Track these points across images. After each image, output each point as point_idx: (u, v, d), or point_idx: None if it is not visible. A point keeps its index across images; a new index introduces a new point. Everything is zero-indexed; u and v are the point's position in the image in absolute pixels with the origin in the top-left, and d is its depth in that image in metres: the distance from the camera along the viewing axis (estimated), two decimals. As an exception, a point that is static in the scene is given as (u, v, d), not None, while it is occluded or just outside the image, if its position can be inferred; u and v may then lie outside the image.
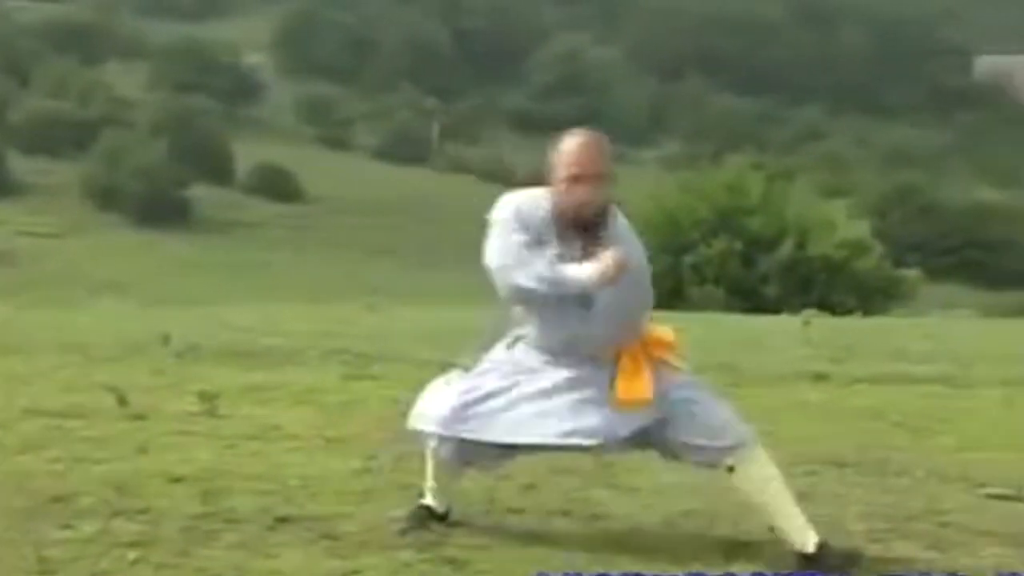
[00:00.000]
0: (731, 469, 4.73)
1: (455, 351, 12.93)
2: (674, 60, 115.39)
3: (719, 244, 37.67)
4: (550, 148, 4.79)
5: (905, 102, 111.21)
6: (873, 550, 4.98)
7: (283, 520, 5.10)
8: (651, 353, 4.77)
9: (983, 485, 6.20)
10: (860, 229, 42.09)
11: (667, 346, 4.83)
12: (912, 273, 45.17)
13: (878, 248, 41.11)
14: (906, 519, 5.52)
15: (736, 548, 4.87)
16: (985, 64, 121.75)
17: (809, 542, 4.66)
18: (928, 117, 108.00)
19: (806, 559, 4.64)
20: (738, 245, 37.72)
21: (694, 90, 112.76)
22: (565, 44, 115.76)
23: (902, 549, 5.01)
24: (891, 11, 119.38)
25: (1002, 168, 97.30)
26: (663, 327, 4.90)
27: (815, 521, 5.42)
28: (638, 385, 4.68)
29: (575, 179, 4.68)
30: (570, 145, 4.73)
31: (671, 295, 35.19)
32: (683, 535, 5.16)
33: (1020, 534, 5.23)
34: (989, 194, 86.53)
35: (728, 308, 30.46)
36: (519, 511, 5.44)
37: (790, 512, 4.72)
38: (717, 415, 4.76)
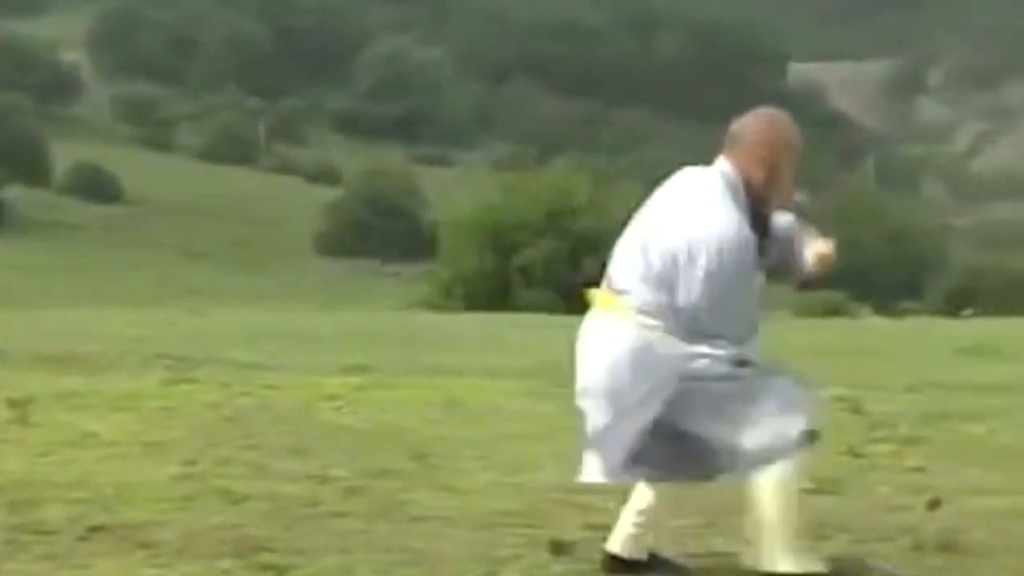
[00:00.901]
0: None
1: (275, 354, 12.79)
2: (500, 63, 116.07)
3: (546, 246, 37.97)
4: (743, 121, 4.54)
5: (724, 106, 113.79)
6: (690, 545, 5.09)
7: (97, 529, 4.97)
8: None
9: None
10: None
11: None
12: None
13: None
14: (720, 514, 5.66)
15: (557, 547, 4.92)
16: (798, 71, 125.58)
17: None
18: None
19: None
20: (565, 247, 38.08)
21: (520, 93, 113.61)
22: (390, 45, 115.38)
23: (717, 544, 5.12)
24: (709, 18, 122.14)
25: (814, 171, 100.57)
26: None
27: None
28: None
29: (791, 158, 4.48)
30: (788, 123, 4.55)
31: (498, 297, 35.38)
32: (503, 535, 5.19)
33: (822, 526, 5.39)
34: (802, 196, 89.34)
35: (556, 310, 30.69)
36: (342, 515, 5.42)
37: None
38: None
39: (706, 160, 4.71)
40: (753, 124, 4.46)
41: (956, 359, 14.49)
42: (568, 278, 37.47)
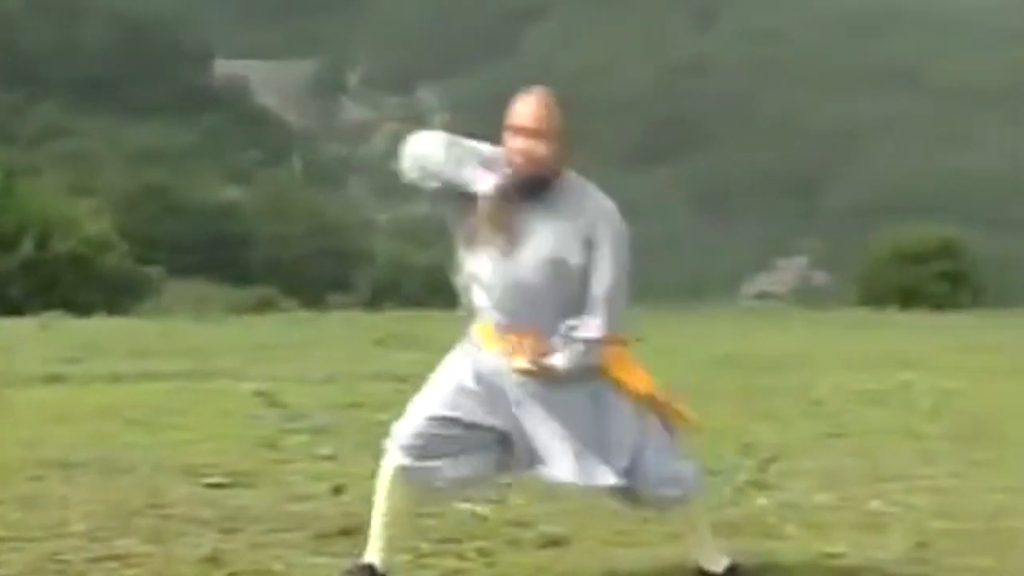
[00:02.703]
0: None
1: None
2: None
3: (-49, 245, 35.59)
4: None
5: (149, 102, 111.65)
6: (95, 549, 4.96)
7: None
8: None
9: (204, 475, 6.39)
10: (103, 226, 41.82)
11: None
12: (156, 270, 45.65)
13: (123, 246, 41.02)
14: (129, 515, 5.56)
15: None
16: (223, 67, 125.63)
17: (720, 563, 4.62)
18: (172, 117, 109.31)
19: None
20: (-27, 242, 35.87)
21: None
22: None
23: (123, 545, 5.03)
24: (132, 10, 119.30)
25: (242, 167, 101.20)
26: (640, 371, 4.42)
27: (33, 525, 5.32)
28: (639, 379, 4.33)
29: (514, 131, 4.21)
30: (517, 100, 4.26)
31: None
32: None
33: (232, 519, 5.45)
34: (232, 192, 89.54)
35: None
36: None
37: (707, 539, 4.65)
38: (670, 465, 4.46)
39: (126, 152, 4.62)
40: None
41: (373, 350, 15.10)
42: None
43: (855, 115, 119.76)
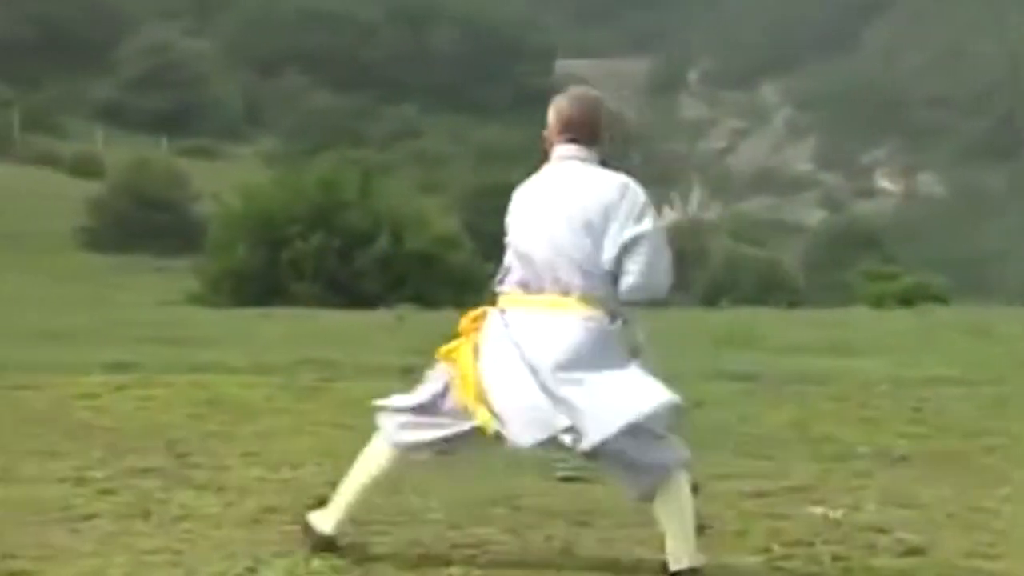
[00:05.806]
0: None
1: (31, 352, 12.27)
2: (270, 55, 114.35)
3: (316, 239, 37.61)
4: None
5: (493, 102, 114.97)
6: (453, 537, 5.13)
7: None
8: None
9: (554, 469, 6.50)
10: (452, 224, 43.22)
11: None
12: (502, 268, 46.73)
13: (469, 244, 42.26)
14: (484, 504, 5.73)
15: (319, 543, 4.89)
16: (564, 67, 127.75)
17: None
18: (515, 117, 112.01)
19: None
20: (335, 240, 37.81)
21: (291, 86, 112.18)
22: (155, 35, 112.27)
23: (479, 534, 5.18)
24: (477, 15, 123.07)
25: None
26: None
27: (395, 511, 5.56)
28: None
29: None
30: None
31: (269, 292, 34.89)
32: (267, 532, 5.13)
33: (586, 513, 5.52)
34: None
35: (326, 304, 30.44)
36: (97, 516, 5.26)
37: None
38: None
39: (472, 151, 4.98)
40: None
41: (712, 349, 14.94)
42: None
43: None
